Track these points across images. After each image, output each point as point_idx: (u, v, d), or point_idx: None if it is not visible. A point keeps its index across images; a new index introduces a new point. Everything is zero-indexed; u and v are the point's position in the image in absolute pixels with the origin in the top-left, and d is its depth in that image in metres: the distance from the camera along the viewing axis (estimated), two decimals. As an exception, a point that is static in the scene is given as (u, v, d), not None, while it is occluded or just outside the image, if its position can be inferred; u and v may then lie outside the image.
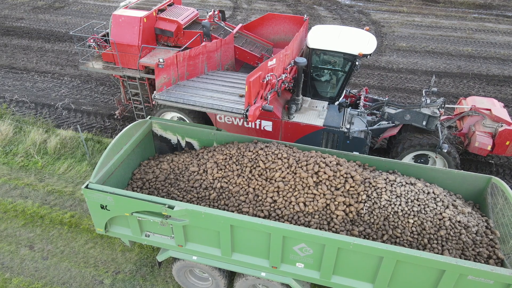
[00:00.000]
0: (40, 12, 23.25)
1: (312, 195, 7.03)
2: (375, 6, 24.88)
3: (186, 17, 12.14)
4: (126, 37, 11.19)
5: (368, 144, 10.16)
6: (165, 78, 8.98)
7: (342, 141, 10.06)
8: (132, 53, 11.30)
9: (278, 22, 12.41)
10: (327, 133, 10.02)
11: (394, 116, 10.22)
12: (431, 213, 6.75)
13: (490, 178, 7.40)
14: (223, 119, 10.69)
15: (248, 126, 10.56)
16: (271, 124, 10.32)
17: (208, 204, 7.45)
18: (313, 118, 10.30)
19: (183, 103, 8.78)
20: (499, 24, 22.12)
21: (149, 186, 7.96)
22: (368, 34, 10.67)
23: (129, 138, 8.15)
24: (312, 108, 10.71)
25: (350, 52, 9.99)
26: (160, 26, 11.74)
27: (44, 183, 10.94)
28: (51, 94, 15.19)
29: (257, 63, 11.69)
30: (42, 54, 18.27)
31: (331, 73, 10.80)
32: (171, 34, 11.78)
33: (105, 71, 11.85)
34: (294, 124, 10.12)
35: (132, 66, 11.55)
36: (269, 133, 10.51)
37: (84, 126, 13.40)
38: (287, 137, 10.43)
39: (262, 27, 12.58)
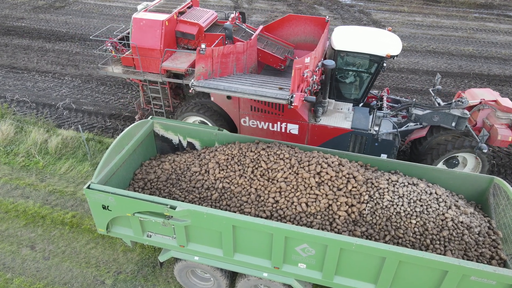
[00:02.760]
0: (40, 11, 23.23)
1: (314, 195, 7.02)
2: (376, 5, 24.85)
3: (207, 20, 11.93)
4: (148, 40, 10.97)
5: (397, 146, 10.00)
6: (203, 68, 8.99)
7: (370, 144, 9.89)
8: (154, 57, 11.05)
9: (299, 23, 12.22)
10: (355, 135, 9.85)
11: (422, 117, 10.02)
12: (434, 213, 6.74)
13: (492, 179, 7.38)
14: (248, 123, 10.52)
15: (274, 129, 10.38)
16: (297, 128, 10.15)
17: (210, 205, 7.44)
18: (340, 120, 10.13)
19: (223, 89, 8.74)
20: (500, 24, 22.10)
21: (151, 186, 7.95)
22: (392, 35, 10.56)
23: (131, 138, 8.14)
24: (337, 110, 10.53)
25: (377, 53, 9.87)
26: (181, 29, 11.52)
27: (45, 183, 10.94)
28: (52, 94, 15.18)
29: (280, 65, 11.54)
30: (42, 53, 18.26)
31: (356, 74, 10.68)
32: (192, 37, 11.59)
33: (125, 75, 11.62)
34: (321, 127, 9.95)
35: (153, 70, 11.34)
36: (295, 137, 10.35)
37: (85, 126, 13.39)
38: (313, 140, 10.26)
39: (282, 29, 12.39)
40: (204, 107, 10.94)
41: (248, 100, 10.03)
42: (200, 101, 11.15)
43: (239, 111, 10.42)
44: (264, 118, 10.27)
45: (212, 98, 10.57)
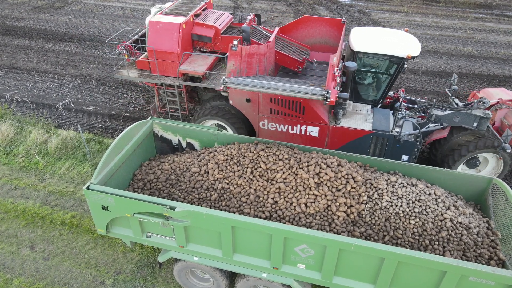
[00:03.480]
0: (40, 12, 23.24)
1: (313, 196, 7.04)
2: (376, 5, 24.86)
3: (223, 22, 11.84)
4: (165, 44, 10.81)
5: (419, 148, 9.95)
6: (233, 65, 8.99)
7: (392, 145, 9.84)
8: (171, 60, 10.93)
9: (314, 24, 12.15)
10: (376, 137, 9.80)
11: (442, 118, 9.97)
12: (433, 214, 6.75)
13: (491, 179, 7.40)
14: (266, 126, 10.46)
15: (293, 132, 10.33)
16: (317, 130, 10.10)
17: (209, 205, 7.45)
18: (360, 122, 10.08)
19: (256, 86, 8.73)
20: (499, 24, 22.11)
21: (150, 187, 7.96)
22: (409, 36, 10.54)
23: (130, 139, 8.15)
24: (356, 112, 10.47)
25: (398, 54, 9.85)
26: (197, 32, 11.42)
27: (45, 184, 10.95)
28: (51, 94, 15.19)
29: (297, 68, 11.51)
30: (42, 54, 18.27)
31: (375, 76, 10.67)
32: (209, 39, 11.50)
33: (141, 79, 11.49)
34: (342, 129, 9.90)
35: (169, 73, 11.21)
36: (315, 139, 10.31)
37: (85, 126, 13.40)
38: (333, 142, 10.21)
39: (297, 30, 12.32)
40: (222, 110, 10.87)
41: (268, 103, 10.00)
42: (218, 104, 11.07)
43: (258, 114, 10.35)
44: (283, 120, 10.23)
45: (230, 101, 10.46)
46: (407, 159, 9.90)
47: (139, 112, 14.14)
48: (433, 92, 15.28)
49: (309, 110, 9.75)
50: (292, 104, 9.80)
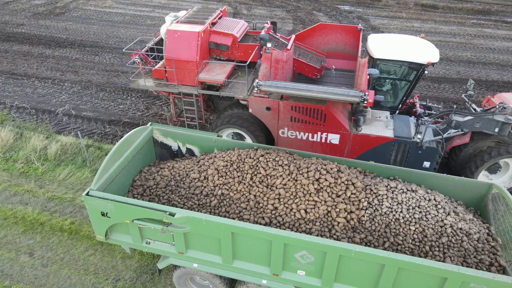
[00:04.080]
0: (40, 18, 23.35)
1: (313, 202, 7.03)
2: (374, 11, 25.01)
3: (239, 30, 11.74)
4: (184, 52, 10.67)
5: (441, 154, 9.90)
6: (265, 68, 8.94)
7: (414, 152, 9.82)
8: (189, 69, 10.79)
9: (330, 32, 12.19)
10: (398, 144, 9.80)
11: (463, 123, 9.93)
12: (433, 220, 6.74)
13: (491, 185, 7.40)
14: (286, 134, 10.46)
15: (313, 140, 10.31)
16: (338, 137, 10.09)
17: (209, 211, 7.44)
18: (381, 129, 10.06)
19: (292, 88, 8.67)
20: (498, 30, 22.24)
21: (150, 193, 7.94)
22: (427, 42, 10.56)
23: (130, 145, 8.15)
24: (376, 119, 10.46)
25: (418, 61, 9.87)
26: (215, 40, 11.30)
27: (44, 190, 10.92)
28: (51, 100, 15.21)
29: (316, 75, 11.53)
30: (42, 60, 18.32)
31: (394, 82, 10.67)
32: (227, 48, 11.40)
33: (158, 88, 11.35)
34: (363, 136, 9.89)
35: (187, 82, 11.06)
36: (335, 147, 10.28)
37: (85, 132, 13.40)
38: (354, 150, 10.18)
39: (313, 38, 12.35)
40: (241, 119, 10.83)
41: (288, 111, 10.01)
42: (235, 113, 11.01)
43: (278, 122, 10.36)
44: (304, 128, 10.23)
45: (250, 109, 10.46)
46: (428, 165, 9.87)
47: (139, 118, 14.16)
48: (432, 98, 15.32)
49: (331, 117, 9.78)
50: (313, 112, 9.83)
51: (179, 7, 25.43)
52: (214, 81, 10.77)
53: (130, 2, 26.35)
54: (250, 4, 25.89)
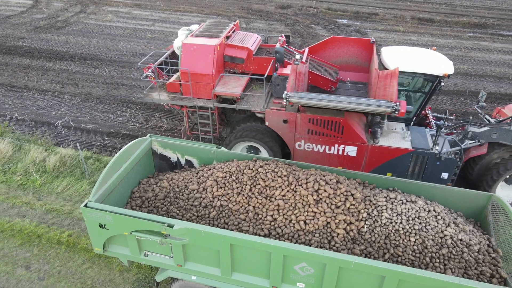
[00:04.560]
0: (41, 31, 23.58)
1: (312, 213, 6.99)
2: (372, 25, 25.32)
3: (254, 43, 11.78)
4: (200, 66, 10.62)
5: (459, 165, 9.89)
6: (292, 80, 8.99)
7: (432, 163, 9.80)
8: (205, 82, 10.73)
9: (342, 45, 12.30)
10: (416, 155, 9.79)
11: (479, 135, 9.94)
12: (433, 231, 6.71)
13: (490, 196, 7.38)
14: (303, 146, 10.45)
15: (330, 152, 10.30)
16: (355, 150, 10.08)
17: (207, 223, 7.40)
18: (398, 141, 10.06)
19: (322, 99, 8.74)
20: (494, 43, 22.50)
21: (149, 204, 7.91)
22: (439, 54, 10.65)
23: (129, 156, 8.14)
24: (392, 130, 10.48)
25: (434, 73, 9.93)
26: (230, 53, 11.33)
27: (42, 202, 10.87)
28: (51, 112, 15.25)
29: (331, 87, 11.56)
30: (43, 72, 18.44)
31: (409, 94, 10.70)
32: (242, 61, 11.40)
33: (173, 102, 11.25)
34: (381, 148, 9.89)
35: (203, 95, 10.97)
36: (352, 159, 10.27)
37: (84, 144, 13.41)
38: (371, 162, 10.17)
39: (325, 50, 12.42)
40: (257, 132, 10.81)
41: (306, 123, 10.05)
42: (250, 126, 11.00)
43: (294, 134, 10.37)
44: (321, 141, 10.23)
45: (267, 122, 10.46)
46: (447, 176, 9.85)
47: (138, 130, 14.19)
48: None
49: (348, 129, 9.81)
50: (331, 124, 9.86)
51: (179, 21, 25.74)
52: (231, 94, 10.70)
53: (130, 16, 26.67)
54: (249, 18, 26.21)
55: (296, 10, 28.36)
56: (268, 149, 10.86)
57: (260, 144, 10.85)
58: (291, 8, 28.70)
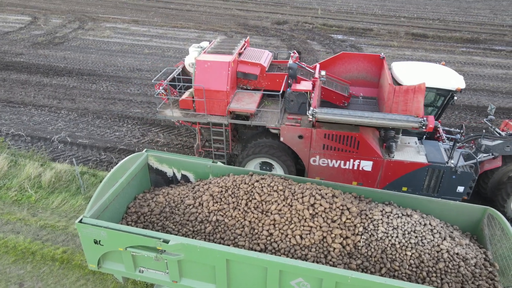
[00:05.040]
0: (40, 47, 23.76)
1: (308, 227, 6.98)
2: (367, 40, 25.70)
3: (266, 60, 11.79)
4: (214, 82, 10.59)
5: (475, 178, 9.92)
6: (317, 96, 9.02)
7: (448, 177, 9.84)
8: (219, 99, 10.71)
9: (352, 60, 12.44)
10: (432, 169, 9.83)
11: (492, 148, 9.97)
12: (429, 245, 6.70)
13: (485, 209, 7.40)
14: (318, 162, 10.49)
15: (345, 167, 10.34)
16: (370, 164, 10.12)
17: (203, 238, 7.35)
18: (413, 155, 10.12)
19: (349, 115, 8.79)
20: (486, 58, 22.85)
21: (144, 220, 7.87)
22: (449, 69, 10.77)
23: (125, 171, 8.14)
24: (405, 145, 10.56)
25: (448, 87, 10.02)
26: (243, 70, 11.31)
27: (37, 218, 10.77)
28: (47, 128, 15.26)
29: (343, 103, 11.57)
30: (40, 88, 18.51)
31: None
32: (255, 77, 11.37)
33: (186, 118, 11.17)
34: (397, 162, 9.93)
35: (216, 112, 10.92)
36: (367, 174, 10.31)
37: (80, 159, 13.37)
38: (387, 176, 10.20)
39: (335, 66, 12.54)
40: (271, 148, 10.81)
41: (321, 138, 10.09)
42: (263, 142, 10.99)
43: (310, 150, 10.40)
44: (336, 156, 10.27)
45: (281, 138, 10.48)
46: (462, 190, 9.88)
47: (134, 145, 14.19)
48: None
49: (364, 144, 9.87)
50: (346, 139, 9.91)
51: (177, 37, 26.04)
52: (245, 111, 10.69)
53: (128, 32, 26.97)
54: (246, 34, 26.56)
55: (292, 26, 28.79)
56: (282, 165, 10.83)
57: (275, 160, 10.82)
58: (287, 24, 29.13)
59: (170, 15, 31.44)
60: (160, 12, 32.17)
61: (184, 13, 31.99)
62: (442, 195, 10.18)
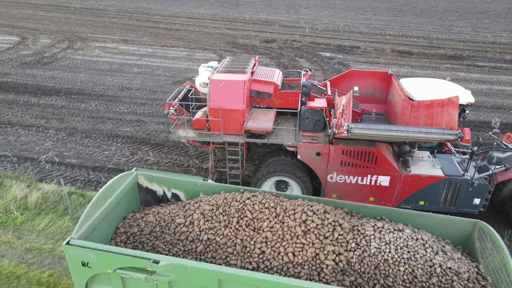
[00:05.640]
0: (28, 67, 23.65)
1: (301, 244, 6.92)
2: (354, 57, 26.20)
3: (278, 78, 11.82)
4: (230, 101, 10.49)
5: (491, 190, 10.03)
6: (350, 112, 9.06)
7: (465, 189, 9.90)
8: (235, 118, 10.61)
9: (360, 77, 12.62)
10: (449, 182, 9.91)
11: (504, 159, 10.11)
12: (421, 260, 6.68)
13: (476, 222, 7.44)
14: (335, 178, 10.49)
15: (362, 183, 10.36)
16: (388, 179, 10.15)
17: (194, 257, 7.22)
18: (429, 168, 10.19)
19: (385, 130, 8.84)
20: (470, 73, 23.44)
21: (134, 240, 7.71)
22: (455, 84, 10.95)
23: (114, 191, 8.01)
24: (420, 159, 10.62)
25: (460, 102, 10.08)
26: (257, 89, 11.29)
27: (23, 240, 10.48)
28: (34, 148, 15.04)
29: (356, 119, 11.61)
30: (27, 108, 18.32)
31: None
32: (269, 95, 11.36)
33: (201, 139, 11.02)
34: (414, 176, 9.99)
35: (231, 131, 10.82)
36: (385, 189, 10.33)
37: (68, 179, 13.16)
38: (404, 191, 10.24)
39: (343, 83, 12.70)
40: (285, 165, 10.75)
41: (339, 155, 10.13)
42: (278, 160, 10.93)
43: (327, 167, 10.40)
44: (353, 172, 10.29)
45: (299, 156, 10.45)
46: (479, 202, 9.99)
47: (124, 164, 14.04)
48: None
49: (382, 159, 9.93)
50: (364, 155, 9.96)
51: (166, 56, 26.21)
52: (263, 129, 10.64)
53: (117, 51, 27.06)
54: (234, 52, 26.87)
55: (280, 44, 29.26)
56: (300, 183, 10.80)
57: (292, 177, 10.78)
58: (276, 42, 29.60)
59: (159, 34, 31.72)
60: (150, 32, 32.45)
61: (173, 32, 32.32)
62: (459, 208, 10.33)
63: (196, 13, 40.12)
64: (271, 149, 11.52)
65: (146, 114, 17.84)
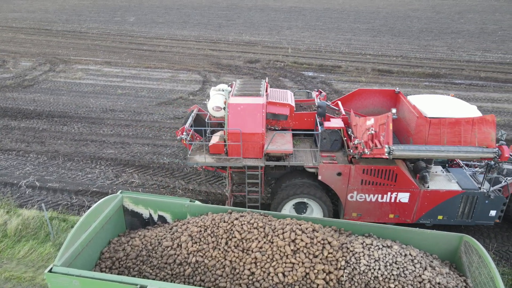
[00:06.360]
0: (7, 90, 23.26)
1: (290, 264, 6.86)
2: (336, 76, 26.75)
3: (291, 100, 11.87)
4: (249, 125, 10.39)
5: (506, 202, 10.17)
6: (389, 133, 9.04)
7: (481, 202, 10.05)
8: (254, 141, 10.50)
9: (368, 96, 12.81)
10: (466, 196, 10.06)
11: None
12: (411, 276, 6.70)
13: (462, 237, 7.54)
14: (355, 197, 10.51)
15: (382, 200, 10.43)
16: (408, 196, 10.28)
17: (183, 281, 7.07)
18: (446, 183, 10.36)
19: (426, 150, 8.93)
20: (448, 90, 24.16)
21: (119, 265, 7.50)
22: (460, 100, 11.16)
23: (99, 215, 7.83)
24: (434, 174, 10.77)
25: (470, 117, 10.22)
26: (273, 111, 11.36)
27: (2, 269, 10.06)
28: (14, 172, 14.64)
29: None
30: (7, 131, 17.92)
31: None
32: (285, 117, 11.44)
33: (220, 164, 10.81)
34: (433, 192, 10.14)
35: (250, 155, 10.70)
36: (404, 205, 10.43)
37: (49, 204, 12.80)
38: (423, 206, 10.34)
39: (351, 102, 12.84)
40: (304, 187, 10.67)
41: (360, 174, 10.18)
42: (299, 182, 10.84)
43: (347, 186, 10.43)
44: (374, 190, 10.35)
45: (319, 177, 10.41)
46: (494, 214, 10.17)
47: (108, 187, 13.78)
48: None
49: (402, 176, 10.03)
50: (384, 173, 10.06)
51: (150, 77, 26.22)
52: (283, 152, 10.61)
53: (100, 73, 26.95)
54: (218, 72, 27.11)
55: (264, 64, 29.68)
56: (322, 204, 10.75)
57: (313, 199, 10.71)
58: (259, 63, 30.02)
59: (143, 56, 31.80)
60: (133, 53, 32.52)
61: (157, 54, 32.46)
62: (475, 220, 10.51)
63: (179, 34, 40.50)
64: (286, 170, 11.44)
65: (131, 136, 17.67)
